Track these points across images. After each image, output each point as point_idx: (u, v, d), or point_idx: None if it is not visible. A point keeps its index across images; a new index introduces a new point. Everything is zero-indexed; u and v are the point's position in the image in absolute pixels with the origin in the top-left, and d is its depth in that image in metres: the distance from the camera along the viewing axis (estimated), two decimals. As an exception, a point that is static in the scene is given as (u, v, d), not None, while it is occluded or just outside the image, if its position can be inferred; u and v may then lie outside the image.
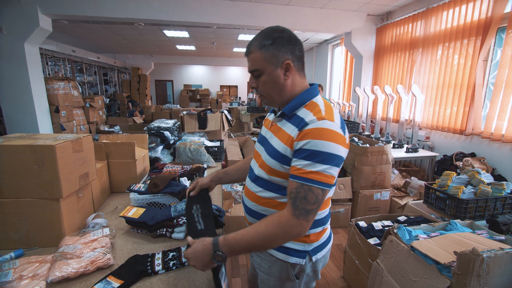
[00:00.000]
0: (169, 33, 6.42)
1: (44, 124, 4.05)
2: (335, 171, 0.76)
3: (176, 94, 12.71)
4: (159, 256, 1.03)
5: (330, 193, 0.87)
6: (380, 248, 1.55)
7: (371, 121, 4.47)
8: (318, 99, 0.86)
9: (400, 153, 3.27)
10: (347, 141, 0.83)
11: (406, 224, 1.68)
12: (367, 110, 4.28)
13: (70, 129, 4.81)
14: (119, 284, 0.88)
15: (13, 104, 3.77)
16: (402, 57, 4.25)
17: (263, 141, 0.94)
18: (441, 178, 1.92)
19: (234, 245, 0.76)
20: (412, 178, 3.18)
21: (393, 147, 3.44)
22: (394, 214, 2.07)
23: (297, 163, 0.76)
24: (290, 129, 0.82)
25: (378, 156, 2.78)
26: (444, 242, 1.22)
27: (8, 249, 1.08)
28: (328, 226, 0.96)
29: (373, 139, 3.20)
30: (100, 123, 6.17)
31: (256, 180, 0.91)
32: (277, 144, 0.84)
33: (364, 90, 4.25)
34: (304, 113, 0.82)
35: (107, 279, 0.91)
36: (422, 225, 1.50)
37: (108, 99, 8.67)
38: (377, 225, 1.93)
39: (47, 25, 3.76)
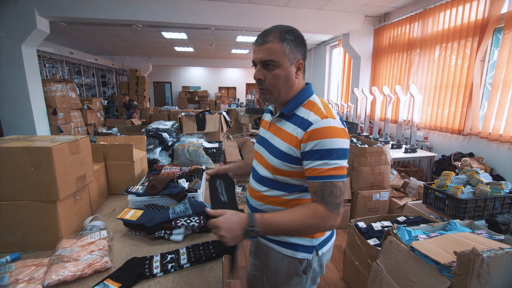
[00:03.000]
0: (167, 34, 6.42)
1: (42, 126, 4.03)
2: (346, 162, 0.81)
3: (175, 96, 12.69)
4: (157, 258, 1.02)
5: None
6: (379, 249, 1.54)
7: (370, 122, 4.48)
8: (315, 98, 0.89)
9: (399, 154, 3.28)
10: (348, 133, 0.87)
11: (405, 225, 1.68)
12: (366, 111, 4.29)
13: (68, 131, 4.79)
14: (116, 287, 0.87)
15: (10, 106, 3.75)
16: (400, 58, 4.27)
17: (263, 142, 0.96)
18: (440, 178, 1.92)
19: (270, 225, 0.78)
20: (411, 178, 3.18)
21: (392, 147, 3.44)
22: (393, 215, 2.07)
23: (313, 164, 0.79)
24: (291, 129, 0.84)
25: (377, 156, 2.78)
26: (444, 242, 1.22)
27: (4, 253, 1.07)
28: None
29: (372, 139, 3.20)
30: (98, 125, 6.14)
31: (261, 180, 0.93)
32: (280, 143, 0.86)
33: (362, 91, 4.26)
34: (304, 112, 0.85)
35: (105, 282, 0.90)
36: (421, 225, 1.50)
37: (106, 101, 8.65)
38: (377, 225, 1.93)
39: (44, 27, 3.75)
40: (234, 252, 0.86)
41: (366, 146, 2.92)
